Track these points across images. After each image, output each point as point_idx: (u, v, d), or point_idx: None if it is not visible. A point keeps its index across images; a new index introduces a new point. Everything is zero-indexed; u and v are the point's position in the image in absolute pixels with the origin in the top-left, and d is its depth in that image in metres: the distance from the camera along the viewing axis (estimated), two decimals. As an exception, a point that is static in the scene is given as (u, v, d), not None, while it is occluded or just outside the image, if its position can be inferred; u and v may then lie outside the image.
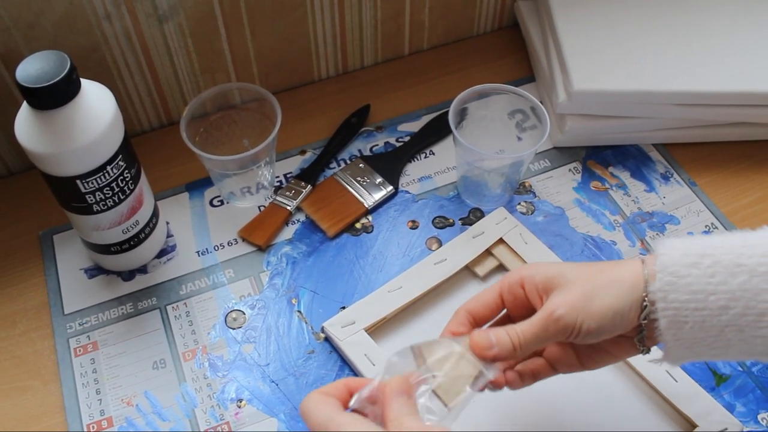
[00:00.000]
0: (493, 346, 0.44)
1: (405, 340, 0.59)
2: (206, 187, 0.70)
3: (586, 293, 0.44)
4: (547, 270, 0.46)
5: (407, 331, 0.60)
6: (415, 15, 0.79)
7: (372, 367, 0.56)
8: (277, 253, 0.65)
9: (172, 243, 0.66)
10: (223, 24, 0.70)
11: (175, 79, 0.72)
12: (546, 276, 0.45)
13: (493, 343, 0.44)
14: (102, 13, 0.64)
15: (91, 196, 0.56)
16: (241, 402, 0.57)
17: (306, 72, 0.79)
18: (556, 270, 0.46)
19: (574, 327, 0.43)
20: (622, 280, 0.44)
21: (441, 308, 0.61)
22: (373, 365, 0.56)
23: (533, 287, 0.46)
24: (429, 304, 0.61)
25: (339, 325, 0.59)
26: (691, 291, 0.41)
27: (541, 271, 0.46)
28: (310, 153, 0.73)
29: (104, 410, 0.57)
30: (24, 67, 0.50)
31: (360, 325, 0.58)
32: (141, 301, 0.63)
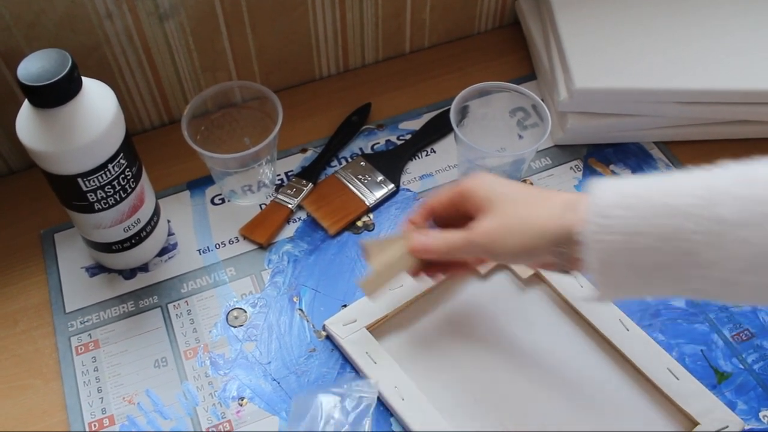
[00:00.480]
0: (427, 251, 0.52)
1: (407, 339, 0.59)
2: (207, 185, 0.70)
3: (507, 227, 0.48)
4: (488, 191, 0.50)
5: (409, 330, 0.60)
6: (416, 13, 0.79)
7: (374, 365, 0.56)
8: (278, 251, 0.65)
9: (173, 241, 0.66)
10: (224, 22, 0.70)
11: (176, 78, 0.72)
12: (484, 197, 0.50)
13: (428, 249, 0.52)
14: (103, 11, 0.64)
15: (93, 195, 0.56)
16: (242, 400, 0.57)
17: (307, 70, 0.79)
18: (494, 194, 0.50)
19: (490, 253, 0.49)
20: (540, 225, 0.46)
21: (443, 307, 0.61)
22: (374, 363, 0.56)
23: (472, 202, 0.51)
24: (431, 302, 0.61)
25: (340, 323, 0.58)
26: (621, 232, 0.42)
27: (482, 191, 0.50)
28: (311, 151, 0.73)
29: (106, 408, 0.57)
30: (25, 66, 0.50)
31: (361, 324, 0.58)
32: (142, 300, 0.63)
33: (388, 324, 0.60)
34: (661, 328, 0.59)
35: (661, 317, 0.60)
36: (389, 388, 0.55)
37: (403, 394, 0.54)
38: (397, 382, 0.55)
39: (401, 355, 0.58)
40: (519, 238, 0.47)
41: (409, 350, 0.58)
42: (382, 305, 0.59)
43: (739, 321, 0.60)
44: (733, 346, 0.59)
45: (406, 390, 0.55)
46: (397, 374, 0.55)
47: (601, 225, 0.42)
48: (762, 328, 0.60)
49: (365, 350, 0.57)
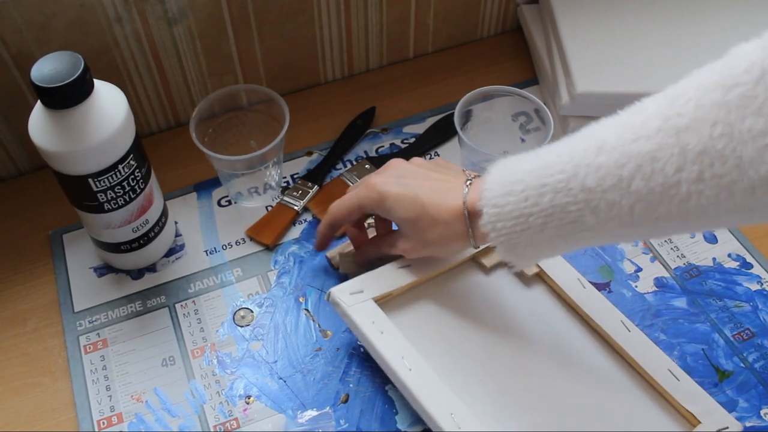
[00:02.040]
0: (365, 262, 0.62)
1: (411, 318, 0.58)
2: (214, 187, 0.71)
3: (422, 242, 0.54)
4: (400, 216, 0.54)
5: (413, 310, 0.58)
6: (420, 19, 0.80)
7: (380, 335, 0.54)
8: (284, 252, 0.66)
9: (180, 242, 0.67)
10: (232, 27, 0.71)
11: (184, 82, 0.73)
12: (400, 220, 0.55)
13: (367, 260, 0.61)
14: (113, 15, 0.65)
15: (103, 195, 0.56)
16: (249, 398, 0.58)
17: (312, 74, 0.80)
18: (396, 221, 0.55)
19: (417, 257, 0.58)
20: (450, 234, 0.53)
21: (446, 293, 0.60)
22: (381, 333, 0.54)
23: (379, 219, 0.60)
24: (435, 288, 0.60)
25: (347, 292, 0.56)
26: (513, 217, 0.47)
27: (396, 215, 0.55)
28: (316, 154, 0.74)
29: (114, 406, 0.57)
30: (38, 67, 0.51)
31: (368, 295, 0.56)
32: (150, 300, 0.63)
33: (393, 301, 0.58)
34: (663, 327, 0.60)
35: (663, 317, 0.61)
36: (396, 358, 0.53)
37: (410, 365, 0.53)
38: (404, 353, 0.53)
39: (406, 332, 0.56)
40: (439, 250, 0.56)
41: (414, 329, 0.57)
42: (389, 281, 0.58)
43: (739, 320, 0.61)
44: (734, 345, 0.59)
45: (413, 361, 0.53)
46: (403, 345, 0.54)
47: (496, 214, 0.48)
48: (763, 328, 0.60)
49: (372, 320, 0.55)
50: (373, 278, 0.58)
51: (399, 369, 0.52)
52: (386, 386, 0.58)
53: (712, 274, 0.64)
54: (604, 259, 0.65)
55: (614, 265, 0.65)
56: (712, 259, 0.65)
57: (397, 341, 0.54)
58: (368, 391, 0.58)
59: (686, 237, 0.66)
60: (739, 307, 0.62)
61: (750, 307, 0.62)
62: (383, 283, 0.58)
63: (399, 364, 0.53)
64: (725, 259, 0.65)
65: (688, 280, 0.63)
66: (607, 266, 0.65)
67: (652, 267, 0.64)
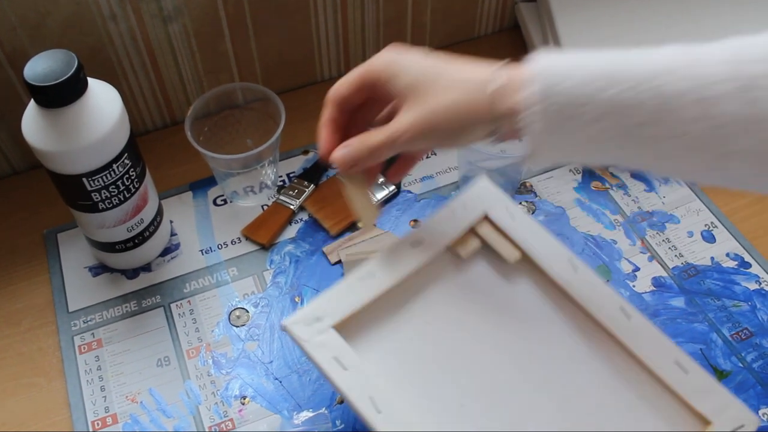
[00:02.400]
0: (354, 163, 0.48)
1: (382, 340, 0.51)
2: (210, 186, 0.71)
3: (433, 121, 0.45)
4: (402, 76, 0.46)
5: (383, 328, 0.51)
6: (417, 17, 0.79)
7: (344, 372, 0.47)
8: (280, 251, 0.66)
9: (175, 241, 0.67)
10: (227, 25, 0.70)
11: (179, 80, 0.73)
12: (400, 85, 0.46)
13: (352, 159, 0.48)
14: (107, 13, 0.64)
15: (97, 194, 0.56)
16: (244, 399, 0.57)
17: (309, 72, 0.79)
18: (410, 79, 0.46)
19: (417, 147, 0.48)
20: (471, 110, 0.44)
21: (421, 298, 0.53)
22: (345, 370, 0.47)
23: (387, 89, 0.47)
24: (407, 293, 0.53)
25: (302, 324, 0.49)
26: (569, 97, 0.41)
27: (395, 77, 0.46)
28: (312, 153, 0.73)
29: (109, 407, 0.57)
30: (32, 66, 0.51)
31: (328, 322, 0.49)
32: (145, 299, 0.63)
33: (358, 321, 0.51)
34: (661, 327, 0.60)
35: (661, 317, 0.61)
36: (363, 399, 0.46)
37: (379, 407, 0.46)
38: (371, 392, 0.47)
39: (374, 357, 0.50)
40: (447, 128, 0.45)
41: (385, 351, 0.50)
42: (351, 300, 0.50)
43: (738, 320, 0.60)
44: (733, 345, 0.59)
45: (382, 401, 0.46)
46: (371, 383, 0.47)
47: (549, 87, 0.42)
48: (761, 327, 0.60)
49: (333, 354, 0.48)
50: (333, 299, 0.50)
51: (367, 412, 0.46)
52: (382, 386, 0.57)
53: (711, 274, 0.64)
54: (602, 259, 0.65)
55: (612, 264, 0.64)
56: (710, 259, 0.65)
57: (363, 378, 0.47)
58: (364, 391, 0.57)
59: (684, 236, 0.66)
60: (738, 306, 0.61)
61: (748, 306, 0.61)
62: (345, 303, 0.50)
63: (367, 407, 0.46)
64: (723, 258, 0.65)
65: (686, 280, 0.63)
66: (605, 266, 0.64)
67: (650, 266, 0.64)
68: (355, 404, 0.46)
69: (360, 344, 0.50)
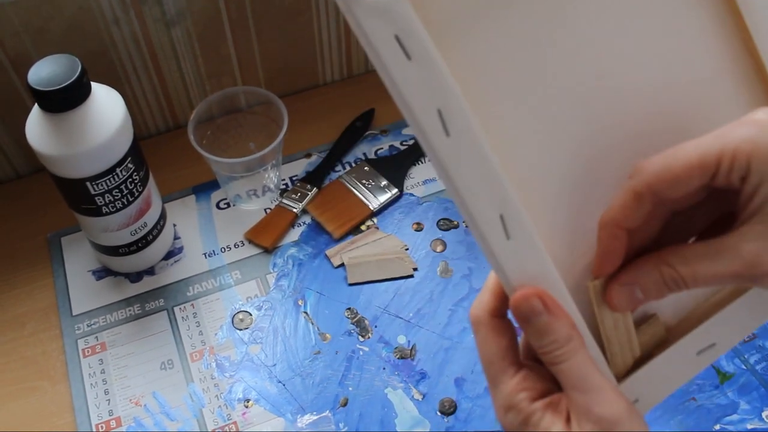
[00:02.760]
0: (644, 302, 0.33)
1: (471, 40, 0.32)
2: (213, 190, 0.71)
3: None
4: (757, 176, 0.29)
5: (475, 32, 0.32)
6: (419, 20, 0.79)
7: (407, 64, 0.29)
8: (283, 254, 0.66)
9: (179, 245, 0.67)
10: (230, 29, 0.71)
11: (182, 84, 0.73)
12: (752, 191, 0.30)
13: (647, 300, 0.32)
14: (111, 17, 0.64)
15: (101, 198, 0.56)
16: (248, 402, 0.57)
17: (311, 76, 0.79)
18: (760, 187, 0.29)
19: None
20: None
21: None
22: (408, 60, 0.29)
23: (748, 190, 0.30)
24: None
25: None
26: None
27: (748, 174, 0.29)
28: (315, 156, 0.74)
29: (113, 410, 0.57)
30: (36, 71, 0.51)
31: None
32: (148, 303, 0.63)
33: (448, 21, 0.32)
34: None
35: (664, 319, 0.61)
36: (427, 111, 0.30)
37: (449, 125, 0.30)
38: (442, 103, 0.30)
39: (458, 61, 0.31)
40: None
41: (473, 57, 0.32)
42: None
43: (740, 323, 0.60)
44: (736, 347, 0.59)
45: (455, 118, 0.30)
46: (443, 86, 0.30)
47: None
48: (764, 330, 0.60)
49: (394, 31, 0.29)
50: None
51: (430, 130, 0.30)
52: (385, 389, 0.58)
53: (713, 276, 0.64)
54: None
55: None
56: (713, 261, 0.65)
57: (434, 79, 0.30)
58: (367, 394, 0.57)
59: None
60: (740, 308, 0.61)
61: (751, 308, 0.61)
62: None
63: (430, 122, 0.30)
64: (726, 260, 0.65)
65: (689, 282, 0.63)
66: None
67: (653, 269, 0.64)
68: (417, 116, 0.30)
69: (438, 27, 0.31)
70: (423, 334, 0.61)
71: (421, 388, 0.58)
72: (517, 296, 0.32)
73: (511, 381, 0.34)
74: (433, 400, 0.57)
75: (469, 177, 0.30)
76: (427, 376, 0.58)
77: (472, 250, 0.66)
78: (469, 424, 0.56)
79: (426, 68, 0.30)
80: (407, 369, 0.59)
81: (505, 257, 0.31)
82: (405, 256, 0.65)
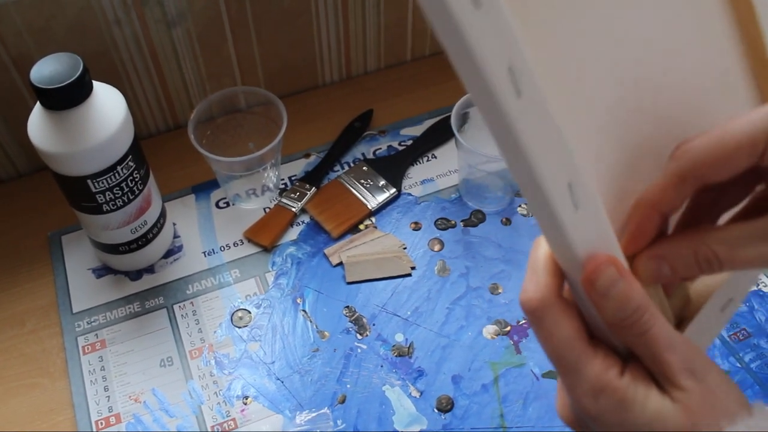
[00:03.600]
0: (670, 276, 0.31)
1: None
2: (212, 189, 0.71)
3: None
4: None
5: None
6: (418, 22, 0.80)
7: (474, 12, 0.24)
8: (282, 253, 0.66)
9: (178, 243, 0.67)
10: (230, 30, 0.71)
11: (183, 83, 0.74)
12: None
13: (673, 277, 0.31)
14: (112, 18, 0.65)
15: (101, 196, 0.57)
16: (247, 399, 0.58)
17: (310, 77, 0.80)
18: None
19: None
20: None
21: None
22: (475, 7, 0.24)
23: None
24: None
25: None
26: None
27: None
28: (314, 156, 0.74)
29: (112, 407, 0.58)
30: (38, 69, 0.51)
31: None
32: (148, 301, 0.63)
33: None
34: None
35: (659, 318, 0.61)
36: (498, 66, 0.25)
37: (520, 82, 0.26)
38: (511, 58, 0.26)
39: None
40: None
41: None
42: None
43: (735, 321, 0.61)
44: (731, 346, 0.60)
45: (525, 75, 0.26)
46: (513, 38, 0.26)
47: None
48: (759, 328, 0.61)
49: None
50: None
51: (500, 89, 0.25)
52: (383, 386, 0.58)
53: (708, 276, 0.64)
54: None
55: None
56: (708, 261, 0.65)
57: (505, 32, 0.25)
58: (365, 391, 0.58)
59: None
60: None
61: (746, 307, 0.62)
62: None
63: (501, 80, 0.25)
64: (721, 260, 0.65)
65: (684, 282, 0.64)
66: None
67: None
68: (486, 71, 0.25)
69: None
70: (420, 332, 0.61)
71: (418, 385, 0.58)
72: (592, 267, 0.29)
73: (596, 361, 0.30)
74: (430, 397, 0.57)
75: (539, 141, 0.27)
76: (424, 373, 0.59)
77: (470, 249, 0.66)
78: (466, 421, 0.56)
79: (496, 18, 0.25)
80: (405, 366, 0.59)
81: (573, 228, 0.29)
82: (403, 255, 0.66)
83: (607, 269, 0.29)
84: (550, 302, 0.31)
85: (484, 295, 0.63)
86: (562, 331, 0.30)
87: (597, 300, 0.29)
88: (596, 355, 0.31)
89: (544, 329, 0.31)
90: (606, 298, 0.29)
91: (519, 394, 0.58)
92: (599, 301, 0.29)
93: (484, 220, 0.68)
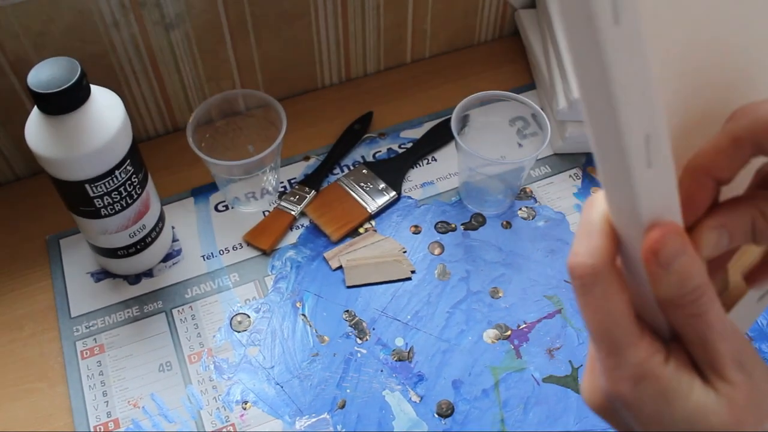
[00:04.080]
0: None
1: None
2: (211, 192, 0.71)
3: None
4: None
5: None
6: (417, 24, 0.80)
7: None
8: (281, 257, 0.66)
9: (177, 247, 0.67)
10: (229, 32, 0.71)
11: (181, 87, 0.73)
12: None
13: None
14: (110, 20, 0.65)
15: (99, 200, 0.56)
16: (246, 404, 0.57)
17: (310, 79, 0.80)
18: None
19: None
20: None
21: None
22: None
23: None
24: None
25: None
26: None
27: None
28: (313, 159, 0.74)
29: (111, 412, 0.57)
30: (35, 73, 0.51)
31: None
32: (147, 305, 0.63)
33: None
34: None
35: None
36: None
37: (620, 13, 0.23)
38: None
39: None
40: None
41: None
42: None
43: (736, 326, 0.61)
44: (731, 351, 0.59)
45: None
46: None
47: None
48: (760, 332, 0.60)
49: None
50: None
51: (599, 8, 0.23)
52: (383, 391, 0.58)
53: (709, 279, 0.64)
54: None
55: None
56: (709, 264, 0.65)
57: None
58: (365, 396, 0.58)
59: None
60: (736, 311, 0.62)
61: (747, 311, 0.62)
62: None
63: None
64: (722, 263, 0.65)
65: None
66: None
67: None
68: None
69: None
70: (421, 336, 0.61)
71: (418, 390, 0.58)
72: (658, 235, 0.25)
73: (642, 344, 0.27)
74: (430, 402, 0.57)
75: (629, 77, 0.24)
76: (424, 378, 0.58)
77: (470, 252, 0.66)
78: (466, 427, 0.56)
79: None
80: (405, 371, 0.59)
81: (643, 188, 0.26)
82: (403, 258, 0.65)
83: (673, 239, 0.26)
84: (605, 270, 0.27)
85: (484, 299, 0.63)
86: (613, 304, 0.27)
87: (655, 272, 0.26)
88: (642, 338, 0.27)
89: (593, 300, 0.27)
90: (666, 271, 0.26)
91: (519, 399, 0.57)
92: (658, 273, 0.26)
93: (485, 223, 0.68)
